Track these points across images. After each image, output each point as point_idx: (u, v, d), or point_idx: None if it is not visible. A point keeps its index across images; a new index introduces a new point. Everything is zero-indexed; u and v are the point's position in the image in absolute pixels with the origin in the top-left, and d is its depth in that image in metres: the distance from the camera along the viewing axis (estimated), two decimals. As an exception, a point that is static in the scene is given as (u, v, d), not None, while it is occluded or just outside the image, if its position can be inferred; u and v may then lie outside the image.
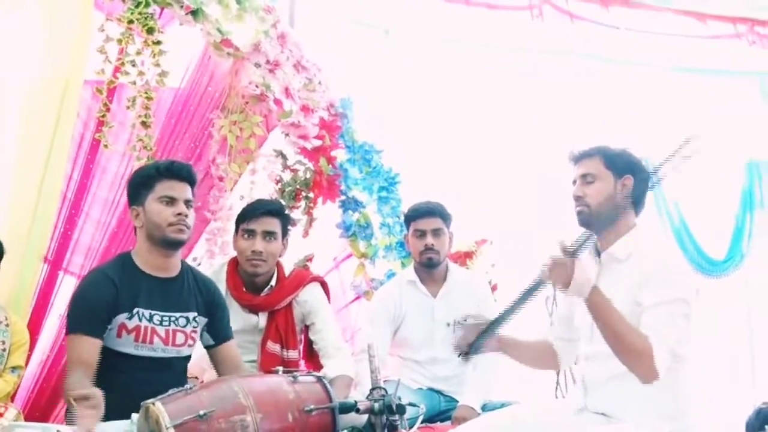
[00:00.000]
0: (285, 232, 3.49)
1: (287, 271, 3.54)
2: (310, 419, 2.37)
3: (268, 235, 3.38)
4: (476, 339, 2.79)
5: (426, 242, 3.67)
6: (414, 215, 3.74)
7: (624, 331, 2.45)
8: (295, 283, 3.51)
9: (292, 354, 3.47)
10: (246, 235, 3.40)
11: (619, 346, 2.46)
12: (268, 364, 3.32)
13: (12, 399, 2.98)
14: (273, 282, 3.47)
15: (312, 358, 3.58)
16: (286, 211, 3.68)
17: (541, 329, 3.01)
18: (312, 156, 4.03)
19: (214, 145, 3.85)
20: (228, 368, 3.01)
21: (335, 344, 3.47)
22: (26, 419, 2.80)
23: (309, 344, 3.57)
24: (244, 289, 3.44)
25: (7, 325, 3.06)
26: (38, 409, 3.47)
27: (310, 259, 4.12)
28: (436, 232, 3.69)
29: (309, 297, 3.52)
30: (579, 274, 2.47)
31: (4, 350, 3.03)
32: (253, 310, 3.47)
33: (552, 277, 2.50)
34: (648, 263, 2.54)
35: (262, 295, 3.46)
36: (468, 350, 2.82)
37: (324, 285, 3.63)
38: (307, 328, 3.56)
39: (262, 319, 3.48)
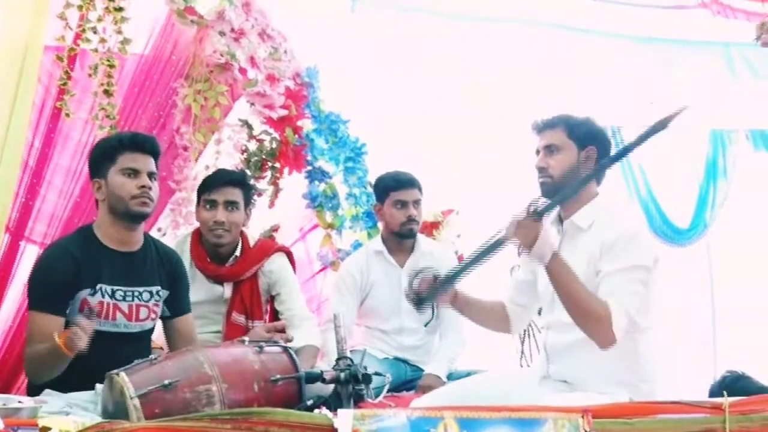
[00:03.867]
0: (248, 202, 3.48)
1: (252, 242, 3.53)
2: (276, 389, 2.38)
3: (230, 205, 3.37)
4: (431, 290, 2.78)
5: (409, 213, 3.70)
6: (395, 185, 3.74)
7: (583, 297, 2.48)
8: (260, 254, 3.50)
9: (258, 324, 3.47)
10: (208, 206, 3.39)
11: (578, 312, 2.49)
12: (233, 335, 3.32)
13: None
14: (238, 252, 3.46)
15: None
16: (251, 181, 3.67)
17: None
18: (278, 126, 4.01)
19: (179, 115, 3.82)
20: (181, 342, 2.97)
21: (301, 314, 3.48)
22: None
23: (275, 315, 3.58)
24: (208, 260, 3.43)
25: None
26: (0, 380, 3.45)
27: (276, 229, 4.11)
28: (417, 203, 3.73)
29: (274, 267, 3.51)
30: (543, 237, 2.48)
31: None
32: (218, 280, 3.46)
33: (516, 237, 2.51)
34: (609, 232, 2.57)
35: (226, 265, 3.45)
36: (422, 301, 2.82)
37: (289, 255, 3.63)
38: (272, 298, 3.57)
39: (227, 290, 3.47)
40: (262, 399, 2.32)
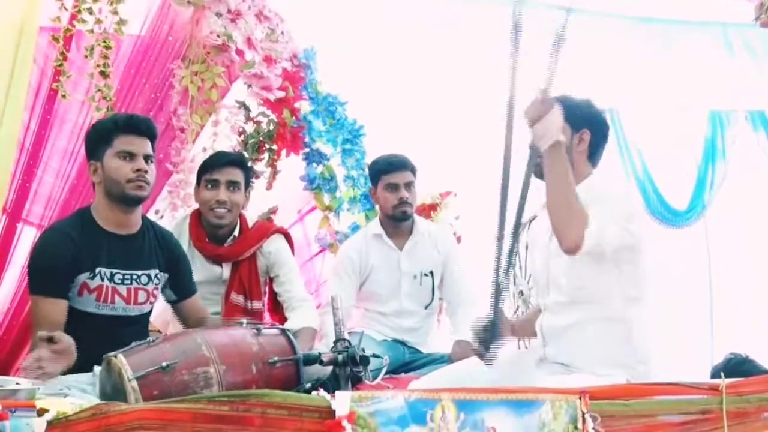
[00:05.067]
0: (248, 184, 3.50)
1: (251, 223, 3.54)
2: (274, 371, 2.38)
3: (232, 184, 3.38)
4: (490, 332, 2.60)
5: (401, 195, 3.69)
6: (386, 168, 3.73)
7: (569, 192, 2.46)
8: (259, 234, 3.51)
9: (256, 305, 3.49)
10: (209, 185, 3.39)
11: (558, 205, 2.47)
12: (231, 315, 3.33)
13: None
14: (236, 233, 3.47)
15: (277, 310, 3.60)
16: (249, 163, 3.67)
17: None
18: (275, 107, 4.00)
19: (176, 96, 3.80)
20: (193, 323, 3.00)
21: (299, 296, 3.48)
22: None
23: (274, 296, 3.58)
24: (207, 240, 3.44)
25: None
26: (-1, 361, 3.46)
27: (274, 211, 4.10)
28: (409, 186, 3.71)
29: (273, 249, 3.52)
30: (553, 117, 2.46)
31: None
32: (217, 260, 3.47)
33: (528, 113, 2.50)
34: (604, 207, 2.53)
35: (225, 245, 3.45)
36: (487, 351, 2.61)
37: (288, 237, 3.63)
38: (271, 280, 3.57)
39: (225, 270, 3.48)
40: (260, 381, 2.33)
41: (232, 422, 1.90)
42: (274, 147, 4.05)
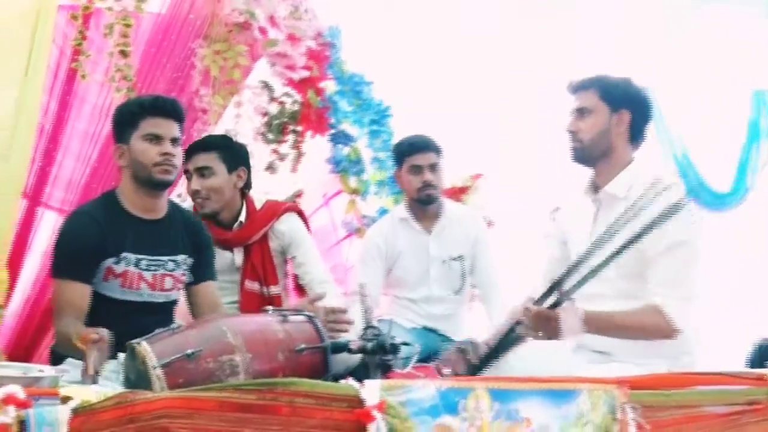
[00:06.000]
0: (233, 164, 3.38)
1: (259, 204, 3.49)
2: (301, 359, 2.38)
3: (203, 171, 3.33)
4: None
5: (424, 178, 3.65)
6: (408, 150, 3.71)
7: (633, 323, 2.47)
8: (268, 215, 3.47)
9: (274, 290, 3.46)
10: (187, 178, 3.39)
11: (635, 336, 2.48)
12: (248, 304, 3.33)
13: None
14: (242, 217, 3.43)
15: (302, 292, 3.57)
16: (234, 140, 3.61)
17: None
18: (299, 87, 4.00)
19: (197, 76, 3.81)
20: (204, 310, 2.97)
21: (320, 278, 3.47)
22: (9, 359, 2.81)
23: (296, 277, 3.57)
24: (213, 226, 3.40)
25: None
26: (21, 348, 3.50)
27: (299, 195, 4.12)
28: (433, 167, 3.67)
29: (286, 228, 3.48)
30: (566, 319, 2.42)
31: (-18, 288, 3.03)
32: (226, 245, 3.44)
33: (539, 331, 2.45)
34: (676, 255, 2.51)
35: (233, 230, 3.44)
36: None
37: (301, 214, 3.59)
38: (288, 262, 3.55)
39: (237, 257, 3.46)
40: (286, 369, 2.32)
41: (258, 411, 1.90)
42: (299, 128, 4.06)
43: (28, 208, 3.54)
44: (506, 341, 2.55)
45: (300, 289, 3.60)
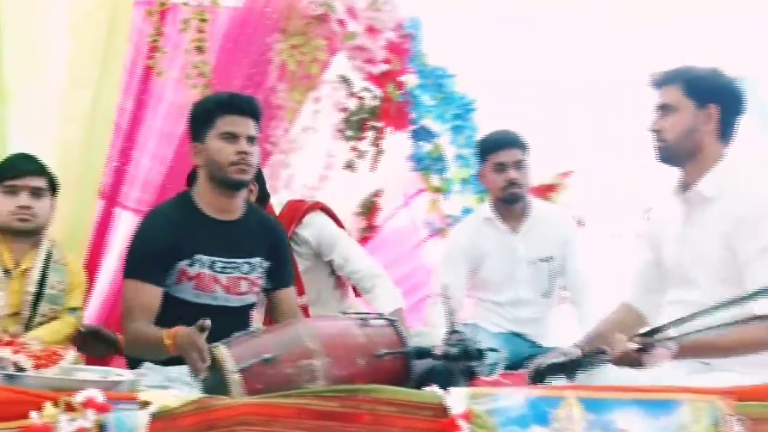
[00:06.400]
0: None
1: (279, 209, 3.47)
2: (382, 364, 2.38)
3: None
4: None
5: (509, 176, 3.60)
6: (492, 147, 3.66)
7: (739, 342, 2.36)
8: (286, 219, 3.43)
9: (301, 301, 3.40)
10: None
11: (745, 353, 2.38)
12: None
13: (73, 342, 3.07)
14: None
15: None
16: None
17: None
18: (379, 82, 4.01)
19: (274, 72, 3.85)
20: (284, 318, 2.98)
21: (369, 273, 3.43)
22: (87, 362, 2.88)
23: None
24: None
25: (64, 264, 3.14)
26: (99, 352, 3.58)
27: (378, 194, 4.12)
28: (519, 165, 3.61)
29: (312, 231, 3.47)
30: (655, 358, 2.31)
31: (62, 290, 3.11)
32: None
33: (622, 365, 2.36)
34: (743, 203, 2.42)
35: None
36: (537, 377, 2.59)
37: (327, 211, 3.54)
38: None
39: None
40: (366, 375, 2.32)
41: (339, 419, 1.91)
42: (379, 124, 4.07)
43: (105, 208, 3.63)
44: (582, 362, 2.50)
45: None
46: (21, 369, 2.08)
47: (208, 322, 2.32)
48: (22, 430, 1.73)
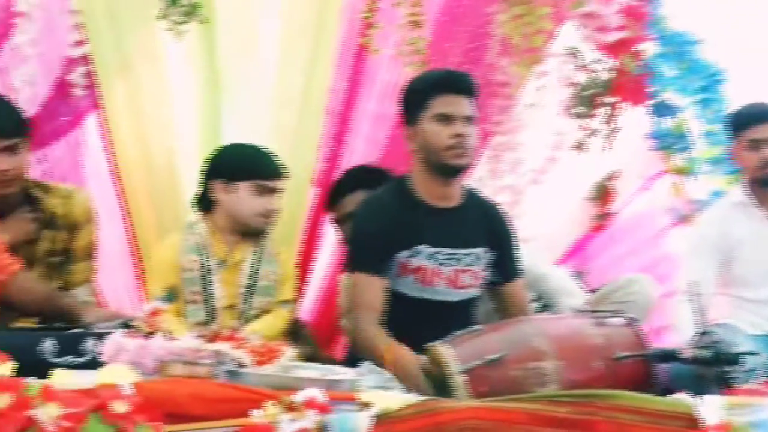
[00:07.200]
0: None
1: None
2: (621, 368, 2.35)
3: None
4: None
5: (766, 155, 3.48)
6: (746, 121, 3.55)
7: None
8: None
9: None
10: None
11: None
12: None
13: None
14: None
15: None
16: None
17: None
18: (613, 52, 3.92)
19: (494, 45, 3.85)
20: (512, 313, 2.97)
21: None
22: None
23: None
24: None
25: (276, 255, 3.28)
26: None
27: (613, 177, 4.05)
28: None
29: None
30: None
31: (274, 282, 3.26)
32: None
33: None
34: None
35: None
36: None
37: None
38: None
39: None
40: (604, 380, 2.30)
41: (573, 426, 1.92)
42: (612, 99, 3.98)
43: (320, 196, 3.75)
44: None
45: None
46: (241, 365, 2.20)
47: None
48: (243, 429, 1.83)
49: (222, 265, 3.23)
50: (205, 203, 3.28)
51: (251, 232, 3.24)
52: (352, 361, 2.80)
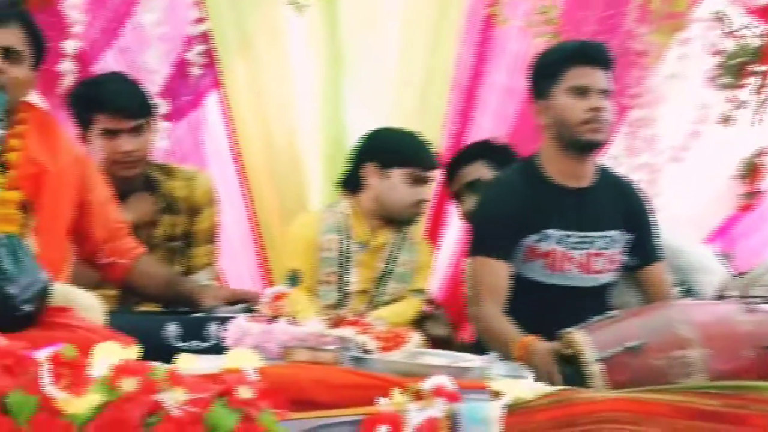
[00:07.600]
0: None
1: None
2: (773, 359, 2.29)
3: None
4: None
5: None
6: None
7: None
8: None
9: None
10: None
11: None
12: None
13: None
14: None
15: None
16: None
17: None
18: (764, 16, 3.80)
19: (633, 12, 3.78)
20: (653, 298, 2.94)
21: None
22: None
23: None
24: None
25: (416, 242, 3.31)
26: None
27: (763, 154, 3.95)
28: None
29: None
30: None
31: (411, 269, 3.28)
32: None
33: None
34: None
35: None
36: None
37: None
38: None
39: None
40: (753, 371, 2.24)
41: (722, 420, 1.89)
42: (763, 68, 3.86)
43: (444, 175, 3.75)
44: None
45: None
46: (366, 351, 2.22)
47: None
48: (369, 417, 1.84)
49: (362, 248, 3.28)
50: (352, 184, 3.33)
51: (398, 220, 3.27)
52: (481, 347, 2.80)
